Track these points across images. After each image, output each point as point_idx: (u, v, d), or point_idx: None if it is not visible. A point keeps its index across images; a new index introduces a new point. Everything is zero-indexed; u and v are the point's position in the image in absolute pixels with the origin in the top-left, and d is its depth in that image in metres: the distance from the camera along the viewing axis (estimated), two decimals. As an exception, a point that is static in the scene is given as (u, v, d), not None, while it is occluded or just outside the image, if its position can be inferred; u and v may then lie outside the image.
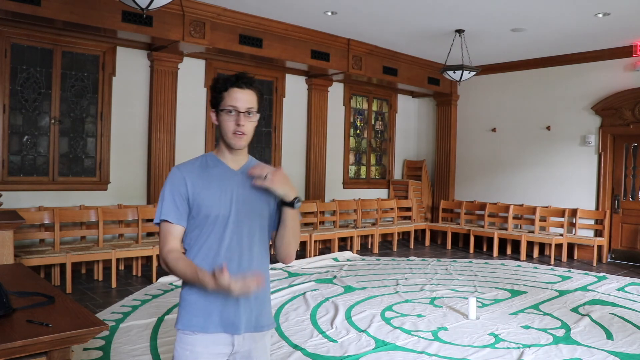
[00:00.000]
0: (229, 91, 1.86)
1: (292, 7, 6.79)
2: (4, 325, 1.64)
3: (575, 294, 6.03)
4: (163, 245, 1.85)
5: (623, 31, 7.31)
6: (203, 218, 1.85)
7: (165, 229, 1.85)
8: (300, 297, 5.57)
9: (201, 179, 1.87)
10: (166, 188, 1.86)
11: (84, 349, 3.80)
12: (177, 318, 1.89)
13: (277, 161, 8.70)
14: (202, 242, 1.86)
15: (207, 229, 1.85)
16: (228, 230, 1.86)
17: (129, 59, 7.03)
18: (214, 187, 1.87)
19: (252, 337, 1.89)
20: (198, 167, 1.89)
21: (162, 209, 1.85)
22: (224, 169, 1.91)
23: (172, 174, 1.88)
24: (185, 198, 1.85)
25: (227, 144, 1.90)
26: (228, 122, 1.87)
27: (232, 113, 1.86)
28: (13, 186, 6.18)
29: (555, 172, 9.01)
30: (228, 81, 1.87)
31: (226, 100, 1.86)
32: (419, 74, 9.66)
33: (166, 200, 1.85)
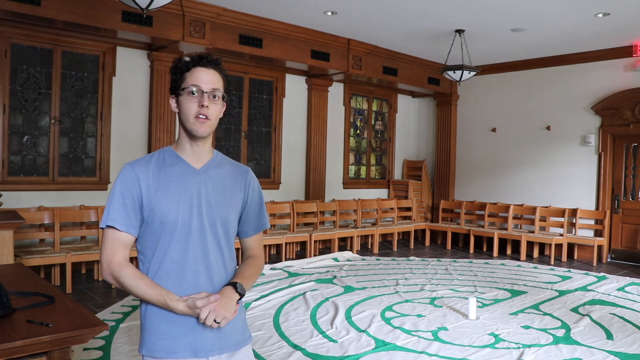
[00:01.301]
0: (191, 71, 1.64)
1: (292, 7, 6.79)
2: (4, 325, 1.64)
3: (575, 294, 6.03)
4: (111, 256, 1.61)
5: (623, 31, 7.31)
6: (159, 225, 1.63)
7: (112, 237, 1.62)
8: (300, 297, 5.57)
9: (157, 180, 1.64)
10: (116, 188, 1.62)
11: (84, 349, 3.81)
12: (140, 341, 1.67)
13: (277, 161, 8.70)
14: (161, 253, 1.65)
15: (166, 237, 1.64)
16: (191, 238, 1.65)
17: (129, 59, 7.03)
18: (172, 189, 1.64)
19: (231, 356, 1.70)
20: (154, 166, 1.66)
21: (109, 212, 1.61)
22: (184, 168, 1.68)
23: (124, 173, 1.63)
24: (139, 202, 1.62)
25: (188, 132, 1.65)
26: (190, 104, 1.62)
27: (195, 94, 1.62)
28: (13, 186, 6.19)
29: (555, 172, 9.01)
30: (191, 61, 1.65)
31: (188, 80, 1.63)
32: (419, 74, 9.66)
33: (115, 203, 1.61)
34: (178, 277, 1.65)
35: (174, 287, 1.64)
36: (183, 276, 1.65)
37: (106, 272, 1.63)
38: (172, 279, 1.65)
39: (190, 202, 1.66)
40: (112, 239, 1.63)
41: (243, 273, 1.75)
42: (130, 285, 1.60)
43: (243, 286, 1.67)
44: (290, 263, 7.34)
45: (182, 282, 1.65)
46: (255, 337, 4.24)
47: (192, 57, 1.67)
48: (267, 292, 5.72)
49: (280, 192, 8.75)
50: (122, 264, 1.62)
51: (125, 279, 1.60)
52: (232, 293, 1.63)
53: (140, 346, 1.68)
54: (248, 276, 1.74)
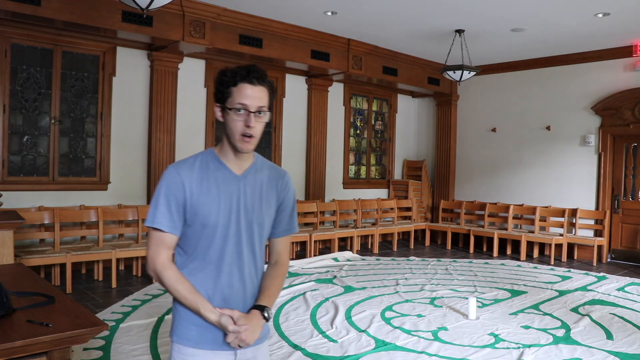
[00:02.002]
0: (238, 87, 1.64)
1: (292, 7, 6.79)
2: (4, 325, 1.64)
3: (575, 294, 6.03)
4: (155, 255, 1.68)
5: (623, 31, 7.30)
6: (200, 227, 1.68)
7: (157, 237, 1.68)
8: (300, 297, 5.57)
9: (200, 184, 1.68)
10: (161, 190, 1.66)
11: (84, 349, 3.81)
12: (172, 327, 1.75)
13: (277, 161, 8.69)
14: (200, 253, 1.70)
15: (206, 239, 1.69)
16: (229, 242, 1.71)
17: (129, 59, 7.03)
18: (214, 194, 1.68)
19: (256, 349, 1.80)
20: (198, 169, 1.69)
21: (155, 214, 1.66)
22: (226, 174, 1.72)
23: (169, 176, 1.67)
24: (182, 205, 1.66)
25: (233, 147, 1.70)
26: (236, 123, 1.65)
27: (241, 112, 1.64)
28: (13, 186, 6.18)
29: (555, 172, 9.01)
30: (238, 74, 1.64)
31: (235, 97, 1.64)
32: (419, 74, 9.66)
33: (161, 206, 1.66)
34: (214, 277, 1.72)
35: (209, 286, 1.72)
36: (218, 276, 1.72)
37: (150, 268, 1.71)
38: (208, 278, 1.72)
39: (229, 207, 1.71)
40: (157, 239, 1.69)
41: (270, 289, 1.83)
42: (171, 286, 1.68)
43: (269, 310, 1.77)
44: (290, 263, 7.32)
45: (217, 282, 1.72)
46: (255, 337, 4.24)
47: (239, 70, 1.66)
48: (267, 292, 5.71)
49: (280, 192, 8.73)
50: (166, 265, 1.69)
51: (166, 280, 1.68)
52: (260, 320, 1.73)
53: (172, 331, 1.75)
54: (274, 293, 1.84)
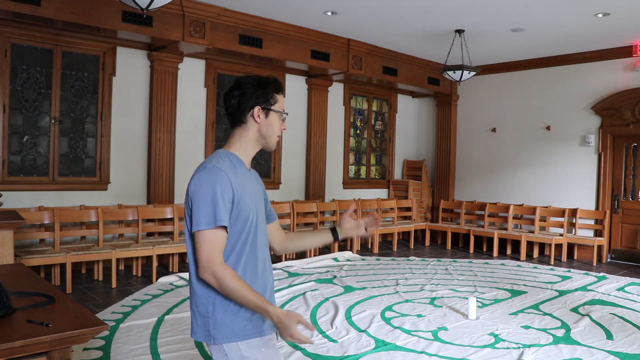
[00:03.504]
0: (280, 95, 1.91)
1: (292, 7, 6.79)
2: (4, 325, 1.64)
3: (575, 294, 6.03)
4: (213, 256, 1.70)
5: (623, 31, 7.31)
6: (242, 223, 1.79)
7: (213, 239, 1.71)
8: (300, 297, 5.57)
9: (237, 180, 1.79)
10: (215, 190, 1.71)
11: (84, 349, 3.81)
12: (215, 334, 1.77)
13: (277, 161, 8.70)
14: (242, 250, 1.80)
15: (247, 234, 1.81)
16: (258, 232, 1.86)
17: (129, 59, 7.03)
18: (248, 190, 1.84)
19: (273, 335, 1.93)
20: (231, 168, 1.80)
21: (217, 214, 1.70)
22: (245, 171, 1.88)
23: (219, 175, 1.73)
24: (231, 202, 1.75)
25: (265, 145, 1.92)
26: (279, 125, 1.91)
27: (284, 117, 1.92)
28: (13, 186, 6.19)
29: (555, 172, 9.01)
30: (280, 85, 1.93)
31: (279, 103, 1.90)
32: (419, 74, 9.66)
33: (219, 205, 1.71)
34: (260, 268, 1.86)
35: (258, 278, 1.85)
36: (264, 265, 1.88)
37: (207, 272, 1.71)
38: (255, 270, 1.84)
39: (256, 201, 1.88)
40: (212, 240, 1.71)
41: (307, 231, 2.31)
42: (233, 287, 1.70)
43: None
44: (290, 263, 7.34)
45: (263, 270, 1.88)
46: (255, 337, 4.24)
47: (277, 82, 1.93)
48: (267, 292, 5.72)
49: (280, 192, 8.75)
50: (225, 266, 1.73)
51: (229, 281, 1.70)
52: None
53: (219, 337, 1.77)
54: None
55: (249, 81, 1.87)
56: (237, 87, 1.87)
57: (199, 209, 1.71)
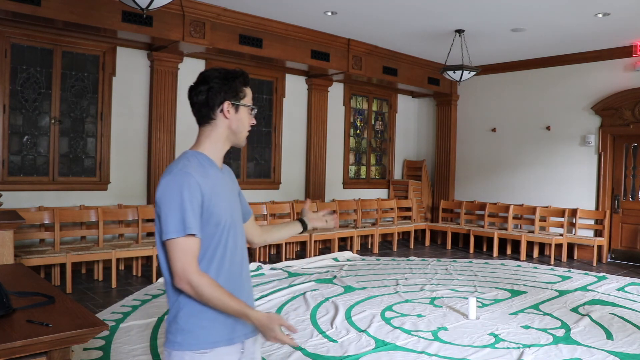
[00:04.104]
0: (248, 88, 1.81)
1: (292, 7, 6.79)
2: (4, 325, 1.64)
3: (575, 294, 6.03)
4: (187, 266, 1.62)
5: (623, 31, 7.31)
6: (214, 227, 1.70)
7: (186, 246, 1.62)
8: (300, 297, 5.57)
9: (206, 183, 1.69)
10: (183, 196, 1.62)
11: (84, 349, 3.81)
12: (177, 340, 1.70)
13: (277, 161, 8.69)
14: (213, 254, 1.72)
15: (219, 238, 1.72)
16: (232, 234, 1.76)
17: (129, 59, 7.03)
18: (219, 191, 1.74)
19: (253, 339, 1.86)
20: (199, 170, 1.71)
21: (186, 221, 1.61)
22: (216, 171, 1.78)
23: (186, 179, 1.64)
24: (201, 207, 1.66)
25: (235, 142, 1.83)
26: (248, 120, 1.82)
27: (253, 112, 1.83)
28: (13, 186, 6.18)
29: (555, 172, 9.01)
30: (248, 78, 1.81)
31: (248, 97, 1.80)
32: (419, 74, 9.66)
33: (188, 211, 1.62)
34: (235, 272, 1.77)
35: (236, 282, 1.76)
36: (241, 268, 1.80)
37: (183, 281, 1.63)
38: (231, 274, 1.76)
39: (229, 202, 1.79)
40: (185, 247, 1.63)
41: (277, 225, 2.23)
42: (212, 293, 1.63)
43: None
44: (290, 263, 7.34)
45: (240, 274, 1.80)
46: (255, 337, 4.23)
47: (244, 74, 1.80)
48: (267, 292, 5.72)
49: (280, 192, 8.75)
50: (201, 273, 1.65)
51: (206, 288, 1.63)
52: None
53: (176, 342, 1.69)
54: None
55: (215, 75, 1.75)
56: (204, 82, 1.74)
57: (167, 216, 1.62)
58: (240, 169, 8.25)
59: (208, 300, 1.64)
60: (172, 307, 1.73)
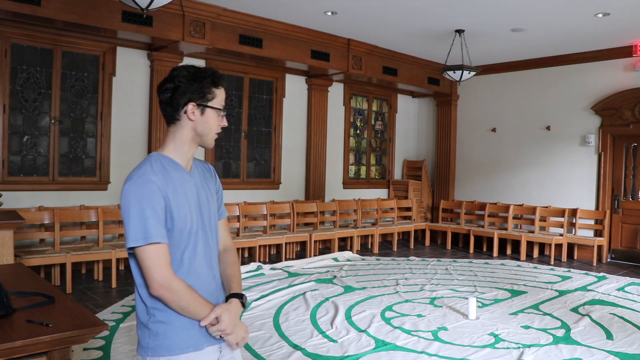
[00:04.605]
0: (220, 89, 1.73)
1: (292, 7, 6.79)
2: (4, 325, 1.64)
3: (575, 294, 6.03)
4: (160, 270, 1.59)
5: (623, 31, 7.30)
6: (178, 232, 1.66)
7: (155, 252, 1.59)
8: (300, 297, 5.57)
9: (168, 187, 1.64)
10: (144, 203, 1.58)
11: (84, 349, 3.81)
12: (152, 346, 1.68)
13: (277, 161, 8.69)
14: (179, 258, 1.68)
15: (184, 242, 1.68)
16: (199, 238, 1.72)
17: (129, 59, 7.03)
18: (181, 195, 1.68)
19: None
20: (160, 173, 1.65)
21: (147, 229, 1.57)
22: (182, 173, 1.72)
23: (143, 186, 1.60)
24: (164, 211, 1.62)
25: (202, 144, 1.76)
26: (216, 122, 1.74)
27: (222, 114, 1.75)
28: (13, 186, 6.18)
29: (555, 172, 9.01)
30: (219, 77, 1.72)
31: (218, 98, 1.72)
32: (419, 74, 9.66)
33: (149, 219, 1.58)
34: (197, 275, 1.73)
35: (195, 286, 1.70)
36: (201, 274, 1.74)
37: (164, 288, 1.61)
38: (193, 279, 1.71)
39: (196, 205, 1.73)
40: (156, 254, 1.60)
41: (237, 276, 1.88)
42: (185, 295, 1.63)
43: (246, 298, 1.83)
44: (290, 263, 7.34)
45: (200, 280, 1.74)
46: (255, 337, 4.24)
47: (215, 73, 1.72)
48: (267, 292, 5.72)
49: (280, 192, 8.75)
50: (174, 276, 1.63)
51: (180, 291, 1.63)
52: (239, 308, 1.78)
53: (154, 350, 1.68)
54: (240, 279, 1.89)
55: (183, 74, 1.68)
56: (171, 80, 1.68)
57: (128, 225, 1.59)
58: (240, 169, 8.25)
59: (180, 303, 1.63)
60: (142, 313, 1.70)
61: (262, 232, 7.84)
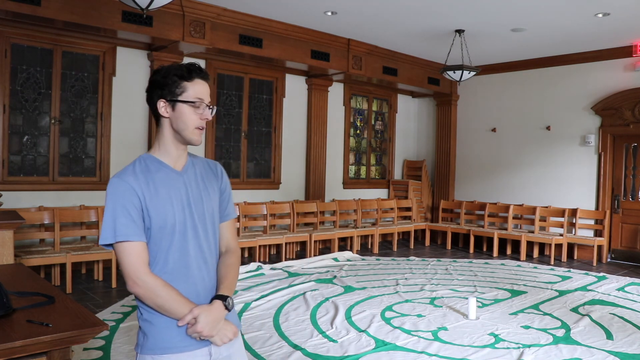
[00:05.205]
0: (193, 82, 1.70)
1: (292, 7, 6.79)
2: (4, 325, 1.64)
3: (575, 294, 6.03)
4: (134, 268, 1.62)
5: (623, 31, 7.31)
6: (158, 230, 1.67)
7: (128, 250, 1.63)
8: (300, 297, 5.57)
9: (148, 187, 1.67)
10: (116, 202, 1.63)
11: (84, 349, 3.80)
12: (142, 343, 1.71)
13: (277, 161, 8.69)
14: (164, 256, 1.69)
15: (166, 241, 1.69)
16: (188, 237, 1.72)
17: (129, 59, 7.03)
18: (163, 194, 1.69)
19: (227, 345, 1.76)
20: (140, 174, 1.69)
21: (116, 227, 1.61)
22: (169, 172, 1.74)
23: (117, 186, 1.65)
24: (140, 209, 1.65)
25: (183, 140, 1.73)
26: (192, 115, 1.70)
27: (198, 107, 1.70)
28: (13, 186, 6.19)
29: (555, 172, 9.01)
30: (193, 71, 1.70)
31: (190, 91, 1.69)
32: (419, 74, 9.66)
33: (119, 217, 1.62)
34: (183, 275, 1.72)
35: (181, 286, 1.70)
36: (188, 274, 1.72)
37: (136, 285, 1.64)
38: (178, 278, 1.71)
39: (181, 204, 1.73)
40: (128, 251, 1.63)
41: (228, 278, 1.81)
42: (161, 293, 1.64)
43: (231, 300, 1.76)
44: (290, 263, 7.34)
45: (188, 280, 1.72)
46: (255, 337, 4.24)
47: (190, 67, 1.71)
48: (267, 292, 5.72)
49: (280, 192, 8.75)
50: (148, 273, 1.65)
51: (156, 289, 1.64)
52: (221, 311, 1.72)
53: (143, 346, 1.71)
54: (232, 281, 1.82)
55: (156, 72, 1.72)
56: (148, 81, 1.75)
57: (103, 223, 1.65)
58: (240, 169, 8.25)
59: (156, 300, 1.64)
60: (137, 311, 1.76)
61: (262, 232, 7.84)
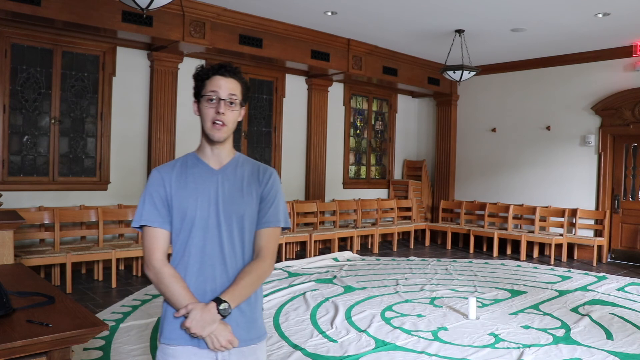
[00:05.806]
0: (211, 79, 1.76)
1: (292, 7, 6.79)
2: (4, 325, 1.64)
3: (575, 294, 6.03)
4: (150, 252, 1.73)
5: (623, 31, 7.31)
6: (179, 221, 1.76)
7: (148, 235, 1.76)
8: (300, 297, 5.57)
9: (179, 179, 1.78)
10: (146, 190, 1.78)
11: (84, 349, 3.81)
12: (160, 331, 1.79)
13: (277, 161, 8.69)
14: (182, 247, 1.76)
15: (185, 232, 1.76)
16: (209, 234, 1.75)
17: (129, 59, 7.03)
18: (191, 188, 1.77)
19: (240, 352, 1.74)
20: (178, 168, 1.81)
21: (142, 213, 1.76)
22: (204, 168, 1.81)
23: (151, 177, 1.80)
24: (165, 199, 1.76)
25: (207, 137, 1.79)
26: (208, 110, 1.75)
27: (213, 100, 1.74)
28: (13, 186, 6.19)
29: (555, 172, 9.01)
30: (211, 69, 1.78)
31: (207, 87, 1.76)
32: (419, 74, 9.66)
33: (146, 204, 1.76)
34: (196, 269, 1.76)
35: (191, 279, 1.75)
36: (201, 269, 1.76)
37: (145, 268, 1.75)
38: (191, 271, 1.76)
39: (208, 200, 1.77)
40: (149, 237, 1.76)
41: (238, 284, 1.74)
42: (167, 282, 1.71)
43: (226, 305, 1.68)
44: (290, 263, 7.34)
45: (200, 275, 1.76)
46: (255, 337, 4.24)
47: (213, 66, 1.81)
48: (267, 292, 5.72)
49: (280, 192, 8.73)
50: (163, 261, 1.74)
51: (164, 277, 1.72)
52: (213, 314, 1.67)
53: (160, 334, 1.78)
54: (241, 288, 1.74)
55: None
56: None
57: (137, 207, 1.80)
58: (240, 169, 8.24)
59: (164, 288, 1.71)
60: None
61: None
